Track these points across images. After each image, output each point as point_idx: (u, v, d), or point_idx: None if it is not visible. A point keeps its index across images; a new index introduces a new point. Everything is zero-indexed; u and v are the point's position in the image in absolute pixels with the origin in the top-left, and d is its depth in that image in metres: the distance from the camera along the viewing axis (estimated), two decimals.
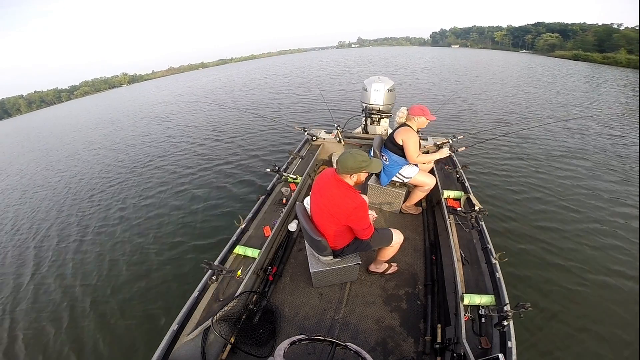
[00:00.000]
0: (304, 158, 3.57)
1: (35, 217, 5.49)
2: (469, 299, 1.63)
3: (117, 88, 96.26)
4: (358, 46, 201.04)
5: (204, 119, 11.17)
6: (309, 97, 12.79)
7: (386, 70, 22.64)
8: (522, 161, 5.34)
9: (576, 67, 25.11)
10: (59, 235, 4.65)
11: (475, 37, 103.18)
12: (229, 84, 23.91)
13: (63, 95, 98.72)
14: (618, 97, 11.38)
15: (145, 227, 4.36)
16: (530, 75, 17.91)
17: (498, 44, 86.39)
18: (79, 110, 30.45)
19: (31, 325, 3.03)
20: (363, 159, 1.65)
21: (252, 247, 2.15)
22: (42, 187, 7.12)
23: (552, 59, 39.70)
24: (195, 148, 7.69)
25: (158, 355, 1.44)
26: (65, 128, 17.61)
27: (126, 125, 13.26)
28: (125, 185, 6.09)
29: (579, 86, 13.81)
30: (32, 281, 3.70)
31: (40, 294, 3.46)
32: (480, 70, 21.02)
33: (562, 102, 10.12)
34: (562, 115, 8.17)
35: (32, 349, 2.76)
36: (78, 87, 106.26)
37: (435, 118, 2.63)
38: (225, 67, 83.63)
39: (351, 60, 38.10)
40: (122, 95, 39.07)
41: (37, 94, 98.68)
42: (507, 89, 12.83)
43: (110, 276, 3.51)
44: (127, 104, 24.21)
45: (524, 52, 64.16)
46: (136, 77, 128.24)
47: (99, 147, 10.09)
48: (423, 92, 12.73)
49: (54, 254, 4.18)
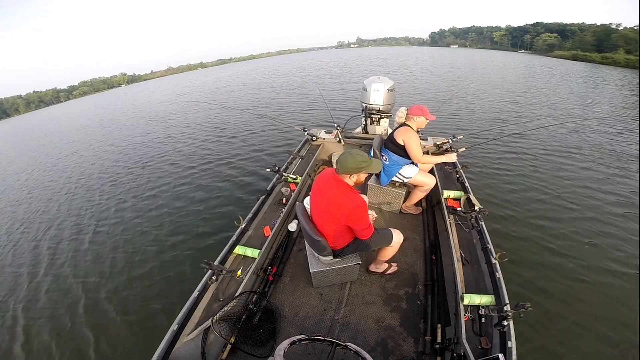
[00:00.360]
0: (304, 158, 3.57)
1: (31, 216, 5.49)
2: (469, 299, 1.63)
3: (115, 88, 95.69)
4: (357, 46, 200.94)
5: (204, 118, 11.17)
6: (309, 97, 12.79)
7: (385, 70, 22.65)
8: (522, 161, 5.34)
9: (574, 67, 25.19)
10: (59, 234, 4.64)
11: (474, 37, 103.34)
12: (229, 83, 23.92)
13: (62, 96, 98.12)
14: (615, 96, 11.42)
15: (144, 227, 4.36)
16: (529, 75, 17.96)
17: (497, 44, 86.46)
18: (80, 110, 30.37)
19: (31, 324, 3.02)
20: (363, 160, 1.65)
21: (252, 247, 2.15)
22: (40, 186, 7.12)
23: (550, 59, 39.75)
24: (195, 148, 7.69)
25: (158, 355, 1.44)
26: (66, 128, 17.60)
27: (126, 126, 13.26)
28: (125, 185, 6.09)
29: (577, 86, 13.86)
30: (32, 280, 3.70)
31: (41, 293, 3.45)
32: (479, 70, 21.06)
33: (557, 102, 10.15)
34: (564, 117, 8.19)
35: (32, 348, 2.76)
36: (77, 87, 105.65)
37: (435, 118, 2.62)
38: (225, 67, 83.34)
39: (351, 59, 38.20)
40: (123, 95, 39.02)
41: (35, 94, 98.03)
42: (508, 87, 12.89)
43: (110, 276, 3.51)
44: (127, 103, 24.20)
45: (523, 52, 64.23)
46: (135, 77, 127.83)
47: (98, 146, 10.09)
48: (422, 91, 12.74)
49: (52, 253, 4.18)
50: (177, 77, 64.67)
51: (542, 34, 65.73)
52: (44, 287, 3.55)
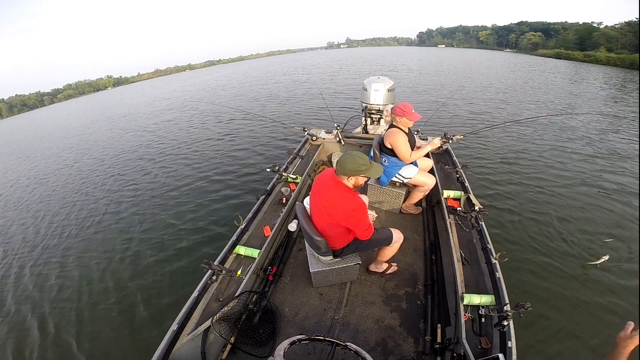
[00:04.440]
0: (304, 158, 3.57)
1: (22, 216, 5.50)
2: (469, 298, 1.63)
3: (102, 91, 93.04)
4: (347, 46, 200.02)
5: (204, 119, 11.16)
6: (309, 97, 12.78)
7: (384, 69, 22.64)
8: (522, 161, 5.34)
9: (559, 64, 25.66)
10: (59, 233, 4.65)
11: (461, 37, 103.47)
12: (226, 83, 23.88)
13: (46, 99, 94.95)
14: (598, 92, 11.66)
15: (144, 227, 4.36)
16: (515, 71, 18.05)
17: (483, 43, 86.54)
18: (67, 113, 30.00)
19: (30, 322, 3.02)
20: (363, 163, 1.62)
21: (252, 247, 2.15)
22: (37, 184, 7.13)
23: (535, 57, 39.98)
24: (195, 148, 7.68)
25: (158, 355, 1.44)
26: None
27: (128, 125, 13.26)
28: (124, 185, 6.08)
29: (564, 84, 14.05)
30: (32, 278, 3.70)
31: (40, 292, 3.45)
32: (468, 69, 21.20)
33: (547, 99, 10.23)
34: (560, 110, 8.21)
35: (31, 347, 2.76)
36: (61, 91, 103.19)
37: (420, 117, 2.49)
38: (213, 68, 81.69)
39: (343, 60, 38.22)
40: (119, 96, 38.93)
41: (18, 97, 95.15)
42: (498, 86, 13.02)
43: (109, 275, 3.50)
44: (128, 103, 24.19)
45: (509, 51, 64.44)
46: (121, 79, 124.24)
47: (98, 146, 10.09)
48: (417, 91, 12.73)
49: (53, 251, 4.18)
50: (164, 79, 63.78)
51: (526, 33, 65.91)
52: (43, 286, 3.54)
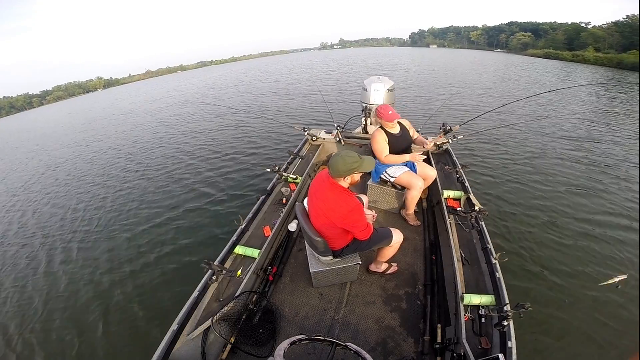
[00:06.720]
0: (304, 158, 3.57)
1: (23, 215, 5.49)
2: (469, 299, 1.63)
3: (92, 92, 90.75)
4: (340, 47, 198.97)
5: (204, 118, 11.16)
6: (309, 97, 12.78)
7: (384, 68, 22.65)
8: (522, 160, 5.34)
9: (549, 64, 25.94)
10: (59, 234, 4.64)
11: (453, 37, 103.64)
12: (222, 84, 23.84)
13: (34, 101, 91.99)
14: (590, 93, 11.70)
15: (144, 227, 4.35)
16: (508, 70, 18.03)
17: (474, 43, 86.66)
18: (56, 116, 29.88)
19: (29, 322, 3.02)
20: (353, 160, 1.62)
21: (252, 247, 2.15)
22: (37, 185, 7.13)
23: (525, 57, 40.09)
24: (194, 148, 7.68)
25: (158, 355, 1.44)
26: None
27: (128, 125, 13.26)
28: (124, 185, 6.08)
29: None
30: (32, 278, 3.70)
31: (40, 292, 3.45)
32: (463, 69, 21.27)
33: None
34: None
35: (30, 346, 2.76)
36: (50, 92, 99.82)
37: (398, 117, 2.45)
38: (206, 69, 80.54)
39: (335, 60, 38.28)
40: (114, 99, 38.89)
41: (5, 100, 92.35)
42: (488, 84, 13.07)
43: (109, 275, 3.50)
44: (126, 103, 24.18)
45: (499, 51, 64.69)
46: (112, 81, 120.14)
47: (97, 146, 10.09)
48: (416, 91, 12.74)
49: (53, 251, 4.18)
50: (155, 81, 63.06)
51: (516, 33, 66.24)
52: (44, 285, 3.54)
